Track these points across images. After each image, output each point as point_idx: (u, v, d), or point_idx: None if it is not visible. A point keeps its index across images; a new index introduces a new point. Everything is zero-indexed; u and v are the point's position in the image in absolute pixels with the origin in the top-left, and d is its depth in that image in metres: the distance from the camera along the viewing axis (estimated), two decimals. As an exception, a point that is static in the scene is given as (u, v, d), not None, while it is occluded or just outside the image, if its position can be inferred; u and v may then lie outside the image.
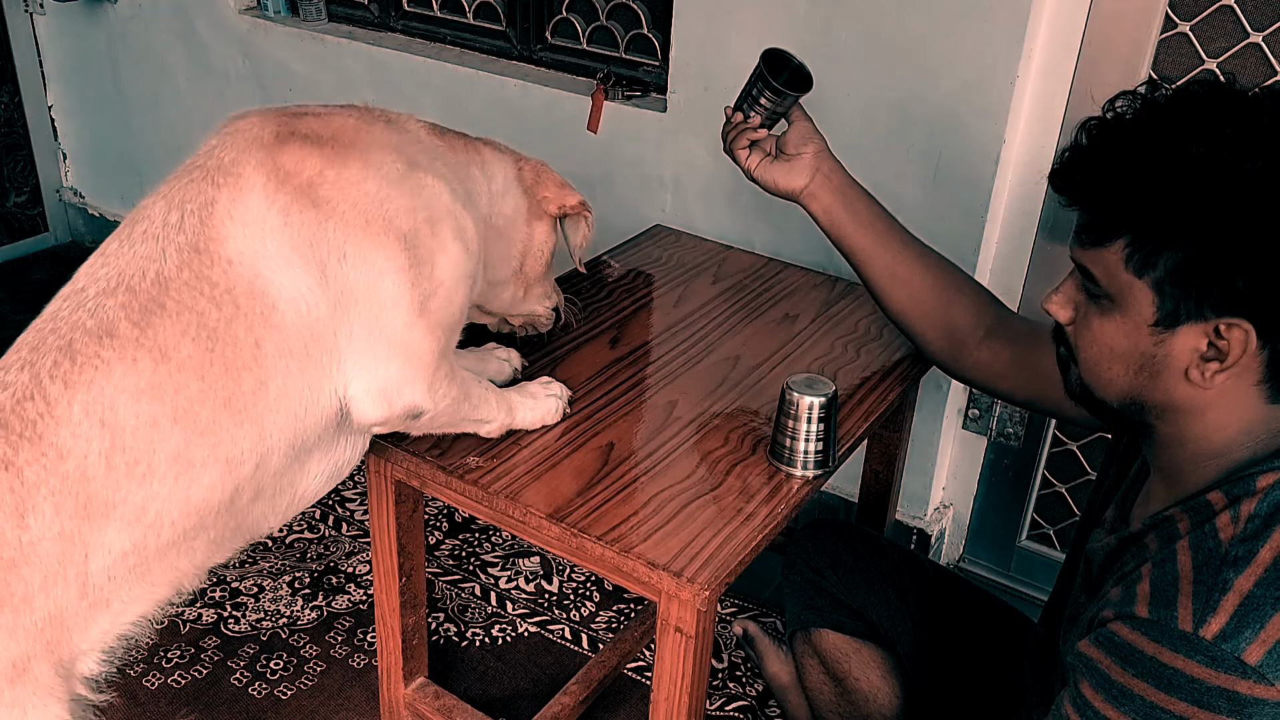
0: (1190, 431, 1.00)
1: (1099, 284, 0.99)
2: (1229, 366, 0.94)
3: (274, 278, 1.10)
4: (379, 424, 1.20)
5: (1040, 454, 2.11)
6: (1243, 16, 1.68)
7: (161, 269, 1.08)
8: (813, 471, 1.32)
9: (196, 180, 1.12)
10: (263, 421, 1.10)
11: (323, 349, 1.13)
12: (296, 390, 1.12)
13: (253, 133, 1.15)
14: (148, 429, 1.04)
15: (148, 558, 1.07)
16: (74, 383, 1.03)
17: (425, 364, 1.19)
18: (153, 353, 1.05)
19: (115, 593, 1.07)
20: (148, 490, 1.05)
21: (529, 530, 1.27)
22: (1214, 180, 0.89)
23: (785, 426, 1.31)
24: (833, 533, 1.61)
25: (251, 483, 1.12)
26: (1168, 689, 0.89)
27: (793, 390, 1.29)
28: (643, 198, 2.31)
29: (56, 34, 3.32)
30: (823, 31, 1.95)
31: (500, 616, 2.12)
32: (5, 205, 3.46)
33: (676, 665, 1.24)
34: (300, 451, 1.16)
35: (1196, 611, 0.88)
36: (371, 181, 1.15)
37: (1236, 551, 0.90)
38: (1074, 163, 1.00)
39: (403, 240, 1.15)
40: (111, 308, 1.06)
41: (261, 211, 1.10)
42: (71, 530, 1.02)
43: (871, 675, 1.52)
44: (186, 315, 1.07)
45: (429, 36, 2.66)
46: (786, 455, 1.32)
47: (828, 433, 1.31)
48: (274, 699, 1.91)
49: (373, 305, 1.14)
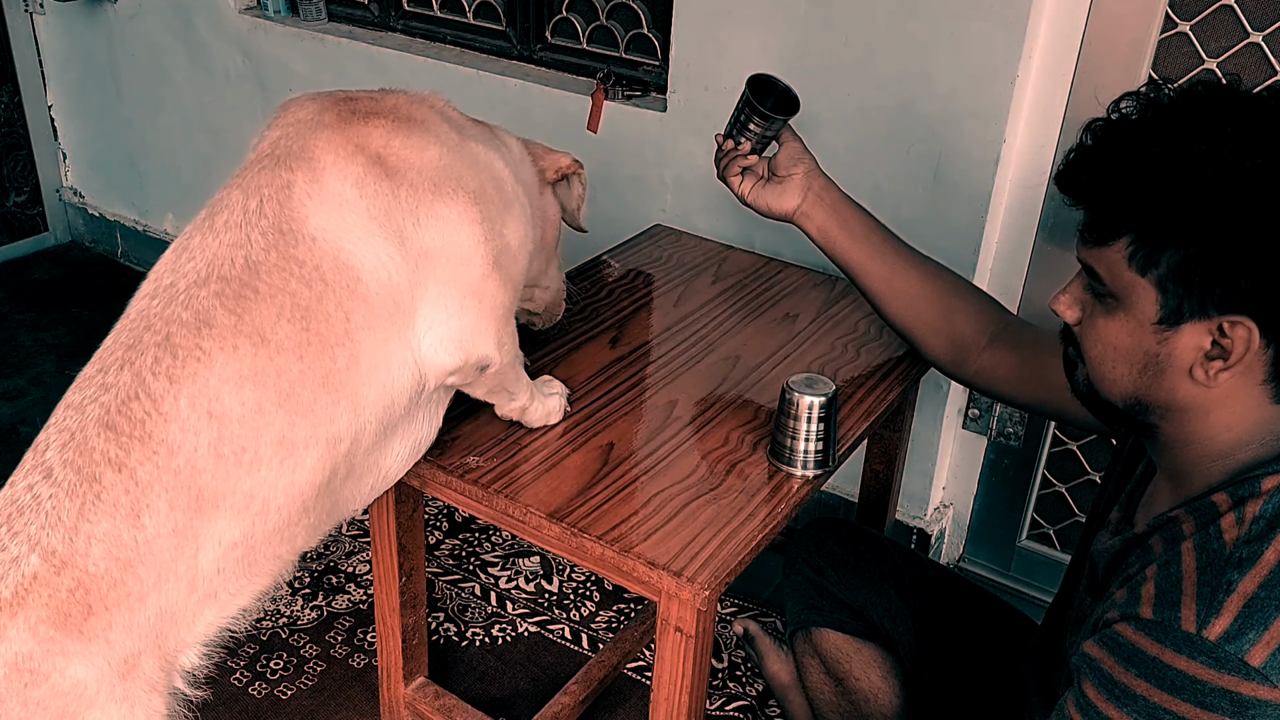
0: (1195, 432, 1.00)
1: (1104, 283, 0.99)
2: (1233, 365, 0.94)
3: (356, 250, 1.12)
4: (454, 371, 1.22)
5: (1040, 454, 2.11)
6: (1243, 16, 1.68)
7: (250, 253, 1.09)
8: (813, 471, 1.32)
9: (269, 167, 1.15)
10: (357, 396, 1.12)
11: (404, 314, 1.15)
12: (384, 360, 1.14)
13: (314, 118, 1.18)
14: (253, 415, 1.05)
15: (254, 547, 1.09)
16: (178, 377, 1.04)
17: (497, 315, 1.23)
18: (251, 338, 1.06)
19: (223, 585, 1.09)
20: (255, 477, 1.06)
21: (529, 530, 1.27)
22: (1215, 178, 0.89)
23: (785, 426, 1.31)
24: (833, 532, 1.61)
25: (346, 461, 1.14)
26: (1171, 690, 0.89)
27: (793, 390, 1.29)
28: (643, 198, 2.31)
29: (56, 34, 3.32)
30: (823, 32, 1.95)
31: (500, 616, 2.12)
32: (5, 205, 3.46)
33: (676, 665, 1.24)
34: (388, 427, 1.18)
35: (1200, 613, 0.88)
36: (433, 148, 1.19)
37: (1241, 553, 0.90)
38: (1078, 163, 1.00)
39: (473, 196, 1.19)
40: (205, 297, 1.07)
41: (337, 187, 1.13)
42: (184, 525, 1.03)
43: (872, 675, 1.52)
44: (280, 297, 1.08)
45: (429, 36, 2.66)
46: (787, 455, 1.32)
47: (828, 432, 1.31)
48: (274, 699, 1.91)
49: (449, 260, 1.18)
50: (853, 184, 2.02)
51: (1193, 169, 0.90)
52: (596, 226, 2.36)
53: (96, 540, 1.00)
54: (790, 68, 2.02)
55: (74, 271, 3.49)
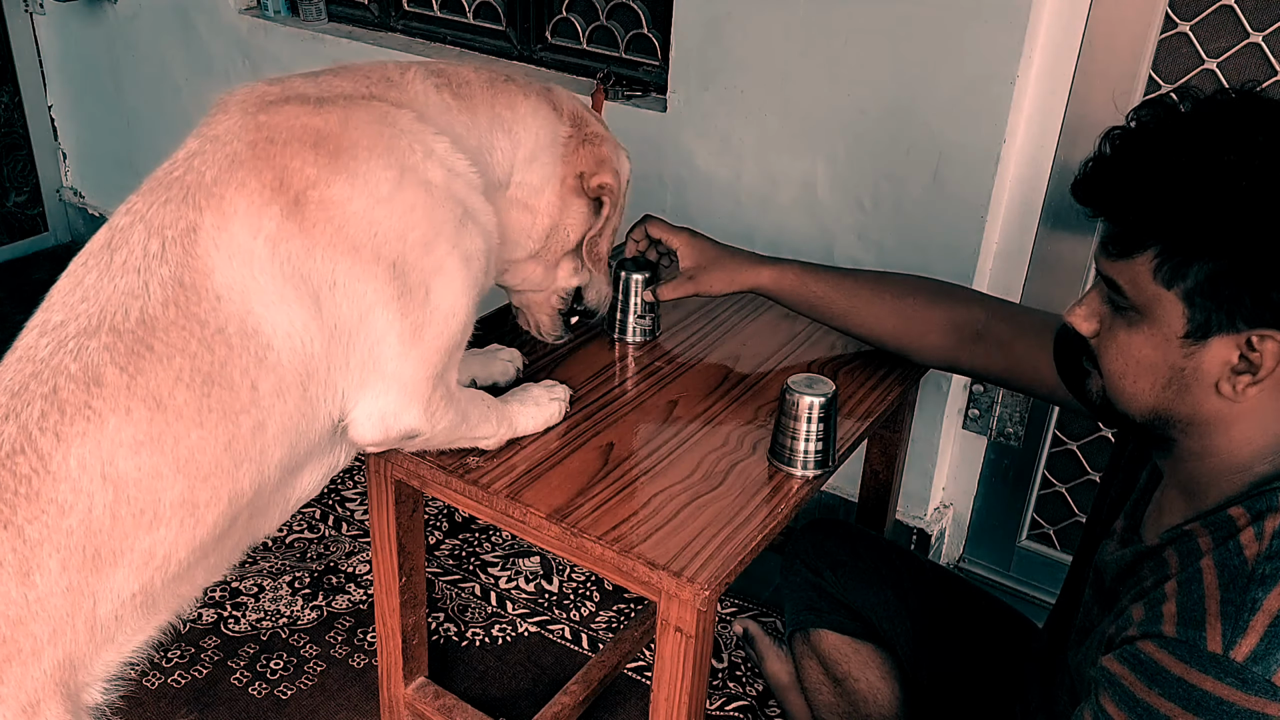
0: (1214, 445, 0.98)
1: (1126, 296, 0.97)
2: (1261, 379, 0.92)
3: (267, 314, 1.05)
4: (375, 446, 1.19)
5: (1040, 454, 2.11)
6: (1243, 16, 1.68)
7: (145, 306, 1.02)
8: (813, 471, 1.32)
9: (175, 200, 1.06)
10: (262, 457, 1.07)
11: (319, 384, 1.10)
12: (294, 425, 1.09)
13: (233, 144, 1.08)
14: (151, 480, 1.01)
15: (155, 594, 1.06)
16: (66, 435, 0.98)
17: (420, 391, 1.17)
18: (146, 402, 1.00)
19: (121, 630, 1.06)
20: (155, 536, 1.02)
21: (529, 530, 1.27)
22: (1247, 189, 0.87)
23: (785, 426, 1.31)
24: (832, 533, 1.61)
25: (249, 508, 1.10)
26: (1197, 710, 0.87)
27: (793, 390, 1.29)
28: (643, 198, 2.31)
29: (56, 34, 3.32)
30: (822, 32, 1.95)
31: (500, 616, 2.12)
32: (5, 205, 3.46)
33: (676, 665, 1.24)
34: (295, 469, 1.15)
35: (1226, 633, 0.87)
36: (358, 200, 1.08)
37: (1264, 569, 0.89)
38: (1099, 173, 0.97)
39: (391, 269, 1.10)
40: (95, 350, 1.00)
41: (248, 241, 1.04)
42: (79, 583, 0.99)
43: (871, 675, 1.52)
44: (178, 359, 1.01)
45: (429, 36, 2.66)
46: (787, 455, 1.32)
47: (828, 433, 1.31)
48: (274, 699, 1.90)
49: (365, 337, 1.11)
50: (853, 184, 2.03)
51: (1224, 180, 0.88)
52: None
53: None
54: (790, 68, 2.02)
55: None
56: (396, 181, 1.10)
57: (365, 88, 1.17)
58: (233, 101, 1.13)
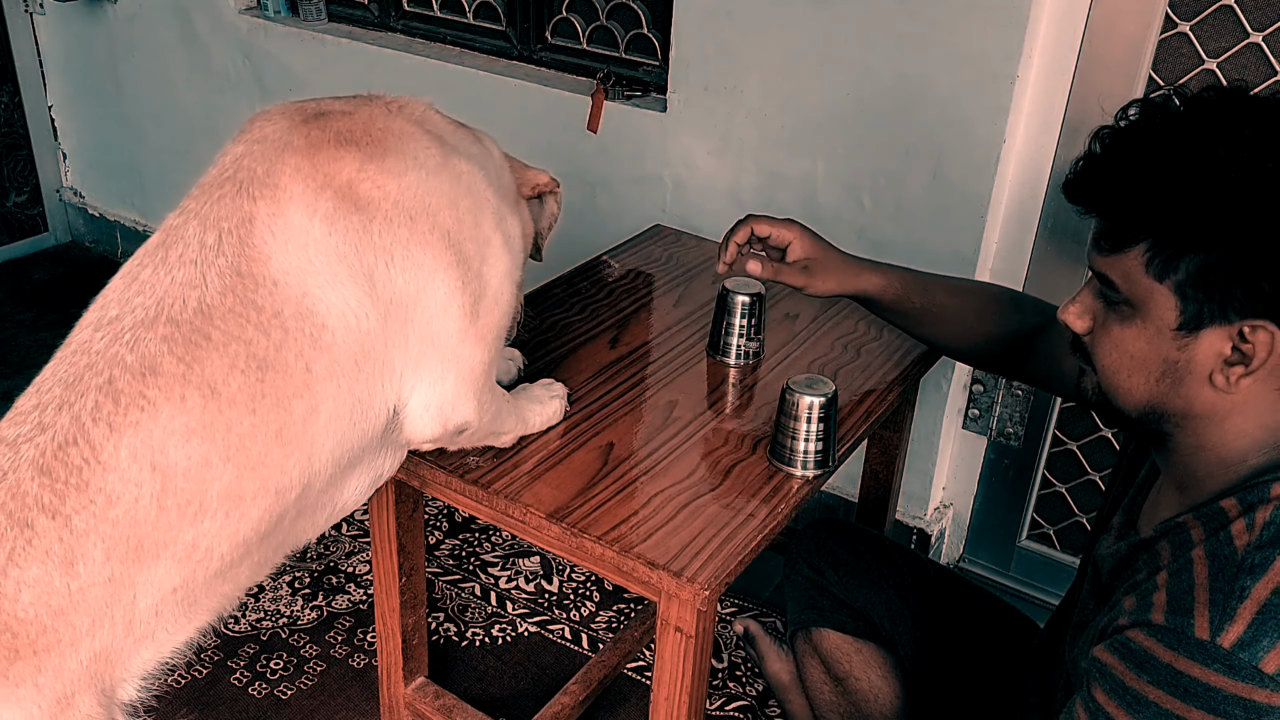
0: (1208, 438, 0.99)
1: (1119, 290, 0.98)
2: (1254, 370, 0.93)
3: (322, 295, 1.05)
4: (431, 441, 1.18)
5: (1040, 454, 2.11)
6: (1243, 16, 1.69)
7: (203, 296, 1.03)
8: (813, 471, 1.32)
9: (229, 195, 1.07)
10: (312, 447, 1.07)
11: (375, 363, 1.09)
12: (347, 410, 1.09)
13: (283, 137, 1.10)
14: (199, 469, 1.01)
15: (195, 590, 1.05)
16: (119, 425, 0.99)
17: (477, 377, 1.17)
18: (201, 389, 1.01)
19: (161, 626, 1.06)
20: (199, 528, 1.02)
21: (529, 530, 1.27)
22: (1236, 182, 0.89)
23: (785, 426, 1.31)
24: (834, 532, 1.61)
25: (295, 505, 1.09)
26: (1184, 696, 0.88)
27: (793, 390, 1.29)
28: (643, 198, 2.31)
29: (56, 34, 3.32)
30: (822, 32, 1.95)
31: (500, 616, 2.12)
32: (5, 205, 3.46)
33: (676, 665, 1.24)
34: (345, 469, 1.14)
35: (1214, 620, 0.88)
36: (412, 173, 1.11)
37: (1253, 559, 0.90)
38: (1090, 171, 0.99)
39: (446, 238, 1.12)
40: (152, 341, 1.01)
41: (304, 223, 1.06)
42: (121, 574, 1.00)
43: (872, 675, 1.52)
44: (234, 346, 1.02)
45: (429, 36, 2.66)
46: (787, 455, 1.32)
47: (827, 432, 1.31)
48: (274, 699, 1.91)
49: (424, 311, 1.11)
50: (853, 184, 2.03)
51: (1213, 173, 0.89)
52: (596, 226, 2.37)
53: (26, 586, 0.96)
54: (790, 68, 2.02)
55: (74, 272, 3.49)
56: (443, 155, 1.15)
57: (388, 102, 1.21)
58: (272, 112, 1.16)
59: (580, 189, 2.37)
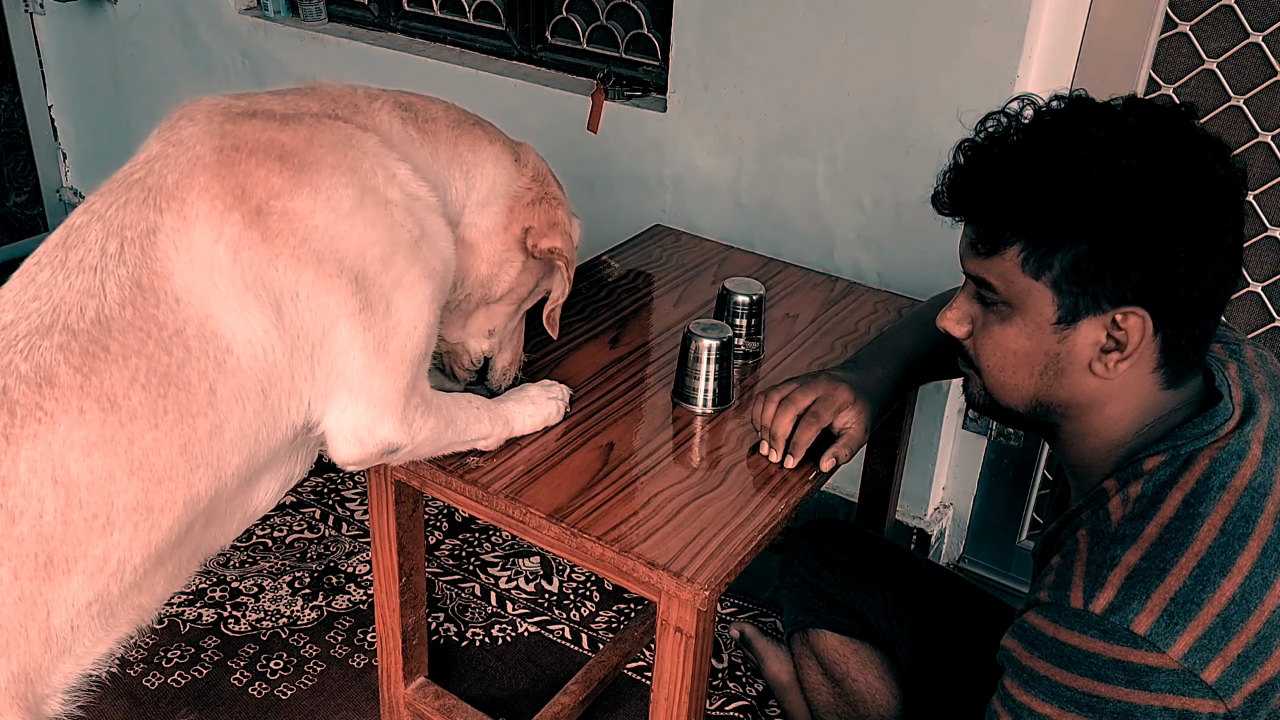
0: (1092, 425, 1.04)
1: (997, 291, 1.03)
2: (1129, 355, 0.98)
3: (227, 319, 1.03)
4: (355, 464, 1.17)
5: (1040, 454, 2.11)
6: (1243, 16, 1.69)
7: (102, 306, 0.99)
8: (712, 408, 1.43)
9: (136, 201, 1.04)
10: (219, 461, 1.05)
11: (281, 392, 1.08)
12: (253, 431, 1.07)
13: (197, 149, 1.07)
14: (103, 483, 0.98)
15: (111, 603, 1.03)
16: (15, 437, 0.95)
17: (393, 403, 1.15)
18: (100, 402, 0.98)
19: (79, 640, 1.03)
20: (108, 541, 0.99)
21: (529, 530, 1.27)
22: (1099, 179, 0.95)
23: (687, 368, 1.43)
24: (830, 533, 1.61)
25: (205, 514, 1.08)
26: (1068, 666, 0.92)
27: (693, 335, 1.41)
28: (643, 198, 2.31)
29: (56, 34, 3.32)
30: (822, 32, 1.95)
31: (500, 616, 2.12)
32: (5, 205, 3.46)
33: (676, 665, 1.24)
34: (253, 477, 1.12)
35: (1087, 589, 0.92)
36: (321, 214, 1.07)
37: (1125, 530, 0.95)
38: (958, 181, 1.05)
39: (354, 282, 1.09)
40: (48, 349, 0.98)
41: (209, 246, 1.03)
42: (32, 592, 0.97)
43: (869, 676, 1.52)
44: (134, 360, 0.99)
45: (429, 36, 2.66)
46: (689, 394, 1.44)
47: (724, 373, 1.43)
48: (274, 699, 1.91)
49: (329, 349, 1.09)
50: (853, 184, 2.03)
51: (1075, 172, 0.95)
52: (596, 226, 2.36)
53: None
54: (790, 68, 2.02)
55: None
56: (358, 199, 1.10)
57: (332, 110, 1.17)
58: (198, 110, 1.12)
59: (580, 189, 2.37)
